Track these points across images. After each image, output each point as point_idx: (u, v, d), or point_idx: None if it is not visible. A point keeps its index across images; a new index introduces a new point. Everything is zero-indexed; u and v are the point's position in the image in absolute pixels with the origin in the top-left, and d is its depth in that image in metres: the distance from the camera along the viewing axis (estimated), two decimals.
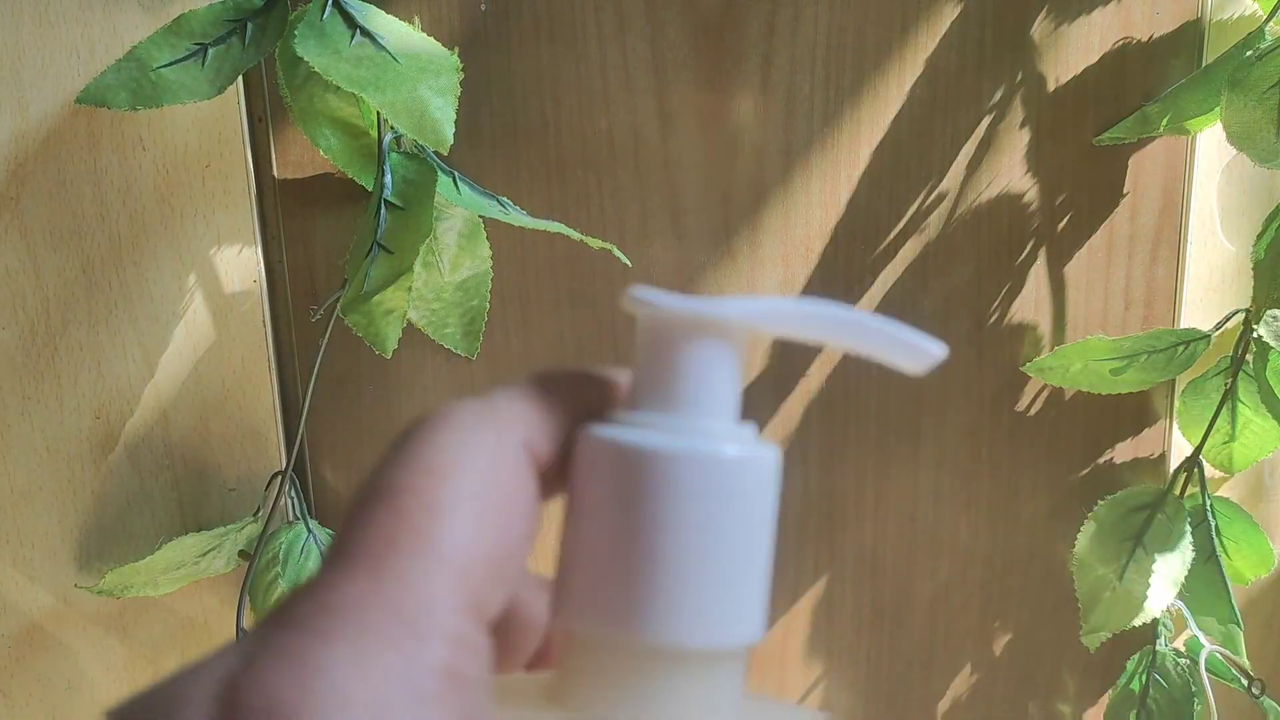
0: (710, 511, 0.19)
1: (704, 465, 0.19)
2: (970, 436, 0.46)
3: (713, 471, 0.19)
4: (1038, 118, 0.43)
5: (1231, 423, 0.45)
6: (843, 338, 0.20)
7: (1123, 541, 0.44)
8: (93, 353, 0.42)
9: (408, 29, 0.37)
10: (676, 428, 0.19)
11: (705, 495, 0.19)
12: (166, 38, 0.37)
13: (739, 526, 0.19)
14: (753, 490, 0.19)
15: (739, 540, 0.19)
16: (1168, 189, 0.44)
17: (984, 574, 0.47)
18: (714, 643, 0.19)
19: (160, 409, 0.43)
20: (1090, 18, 0.42)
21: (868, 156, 0.43)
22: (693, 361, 0.20)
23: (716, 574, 0.19)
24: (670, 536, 0.19)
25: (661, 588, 0.18)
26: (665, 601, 0.18)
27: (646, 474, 0.19)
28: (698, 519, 0.19)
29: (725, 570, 0.19)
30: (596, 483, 0.19)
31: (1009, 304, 0.45)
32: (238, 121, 0.41)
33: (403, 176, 0.38)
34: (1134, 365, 0.43)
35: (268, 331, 0.43)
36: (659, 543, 0.19)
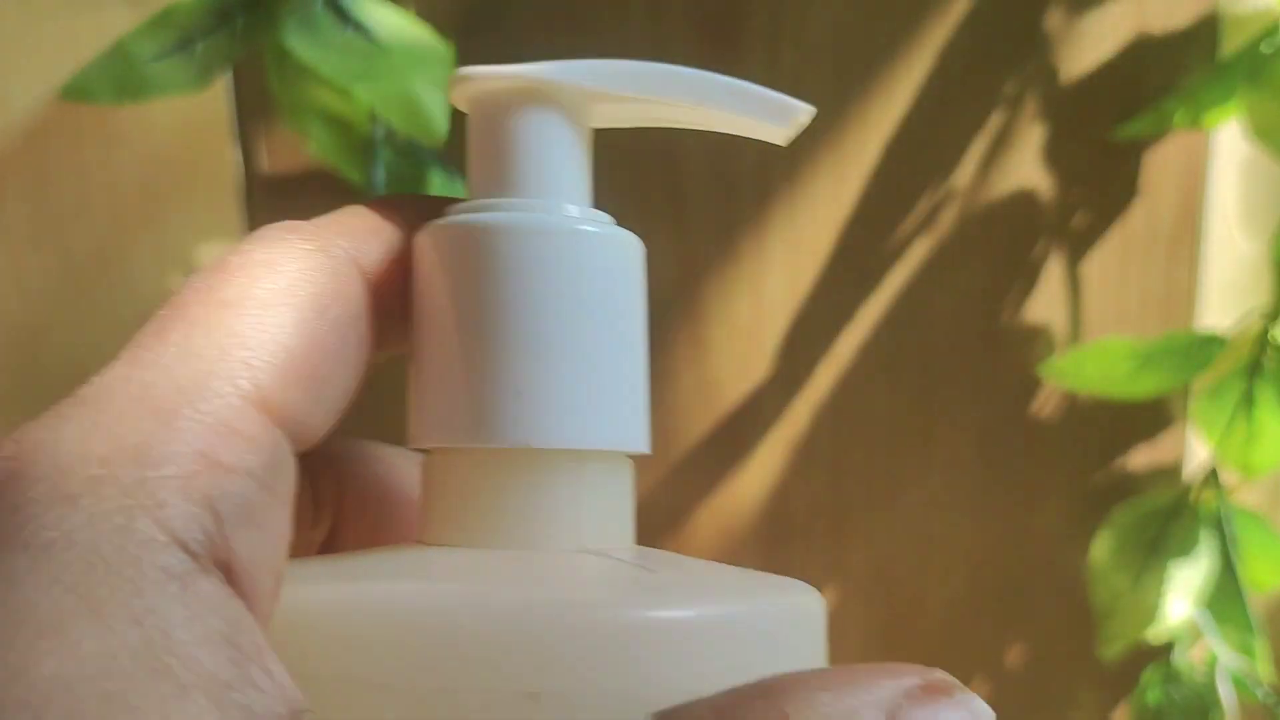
0: (558, 291, 0.17)
1: (550, 239, 0.17)
2: (983, 441, 0.45)
3: (559, 245, 0.17)
4: (1051, 113, 0.43)
5: (1249, 427, 0.44)
6: (694, 100, 0.18)
7: (1139, 550, 0.43)
8: (76, 352, 0.42)
9: (400, 20, 0.36)
10: (519, 208, 0.17)
11: (551, 272, 0.17)
12: (153, 30, 0.37)
13: (596, 314, 0.17)
14: (605, 271, 0.17)
15: (599, 330, 0.17)
16: (1184, 187, 0.43)
17: (997, 583, 0.47)
18: (587, 443, 0.17)
19: None
20: (1104, 11, 0.42)
21: (877, 153, 0.43)
22: (528, 135, 0.18)
23: (577, 367, 0.17)
24: (520, 324, 0.16)
25: (513, 383, 0.16)
26: (526, 399, 0.16)
27: (487, 253, 0.17)
28: (546, 301, 0.17)
29: (587, 363, 0.17)
30: (435, 277, 0.17)
31: (1022, 304, 0.44)
32: (225, 116, 0.41)
33: (395, 171, 0.38)
34: (1150, 367, 0.43)
35: None
36: (507, 332, 0.16)
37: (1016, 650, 0.48)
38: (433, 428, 0.17)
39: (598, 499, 0.17)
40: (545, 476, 0.17)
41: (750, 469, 0.45)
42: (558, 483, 0.17)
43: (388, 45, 0.35)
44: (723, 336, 0.44)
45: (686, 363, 0.44)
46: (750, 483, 0.45)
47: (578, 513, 0.17)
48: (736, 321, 0.44)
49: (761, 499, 0.45)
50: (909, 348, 0.44)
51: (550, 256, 0.17)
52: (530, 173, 0.18)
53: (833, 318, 0.44)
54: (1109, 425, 0.45)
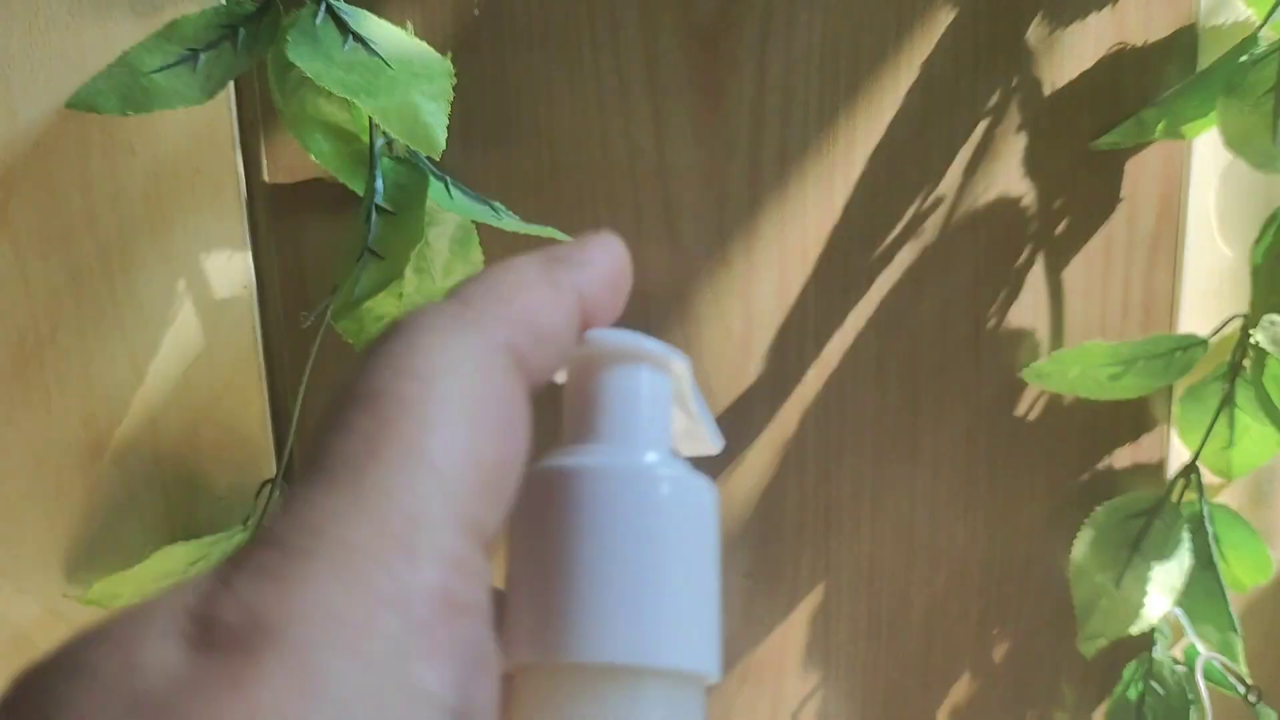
0: (635, 529, 0.18)
1: (626, 481, 0.19)
2: (968, 443, 0.46)
3: (635, 487, 0.19)
4: (1034, 123, 0.43)
5: (1229, 428, 0.45)
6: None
7: (1120, 548, 0.44)
8: (81, 360, 0.42)
9: (400, 33, 0.37)
10: (602, 453, 0.19)
11: (630, 511, 0.18)
12: (158, 43, 0.37)
13: (669, 549, 0.19)
14: (681, 513, 0.19)
15: (671, 562, 0.18)
16: (1164, 194, 0.44)
17: (982, 581, 0.47)
18: (650, 661, 0.18)
19: (149, 417, 0.43)
20: (1085, 23, 0.42)
21: (863, 162, 0.43)
22: (617, 393, 0.20)
23: (648, 593, 0.18)
24: (596, 554, 0.18)
25: (589, 605, 0.18)
26: (595, 618, 0.18)
27: (567, 493, 0.18)
28: (623, 536, 0.18)
29: (658, 591, 0.18)
30: (528, 511, 0.19)
31: (1006, 309, 0.44)
32: (229, 127, 0.41)
33: (394, 182, 0.38)
34: (1132, 371, 0.43)
35: (258, 338, 0.43)
36: (584, 561, 0.18)
37: (1000, 647, 0.48)
38: (519, 644, 0.19)
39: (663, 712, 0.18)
40: (615, 692, 0.18)
41: (741, 469, 0.45)
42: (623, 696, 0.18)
43: (388, 59, 0.36)
44: (714, 341, 0.44)
45: None
46: (742, 483, 0.46)
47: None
48: (727, 326, 0.44)
49: (752, 498, 0.46)
50: (896, 352, 0.45)
51: (621, 497, 0.19)
52: (614, 426, 0.20)
53: (821, 323, 0.44)
54: (1091, 427, 0.46)
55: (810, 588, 0.47)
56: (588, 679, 0.18)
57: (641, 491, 0.19)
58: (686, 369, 0.21)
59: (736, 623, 0.47)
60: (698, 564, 0.19)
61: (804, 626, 0.47)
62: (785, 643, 0.47)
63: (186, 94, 0.37)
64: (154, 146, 0.41)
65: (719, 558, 0.20)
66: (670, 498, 0.19)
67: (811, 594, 0.47)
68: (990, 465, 0.46)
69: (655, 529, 0.19)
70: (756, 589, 0.47)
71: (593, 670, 0.18)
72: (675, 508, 0.19)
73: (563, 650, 0.18)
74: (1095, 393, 0.44)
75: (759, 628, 0.47)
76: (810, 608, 0.47)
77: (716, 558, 0.20)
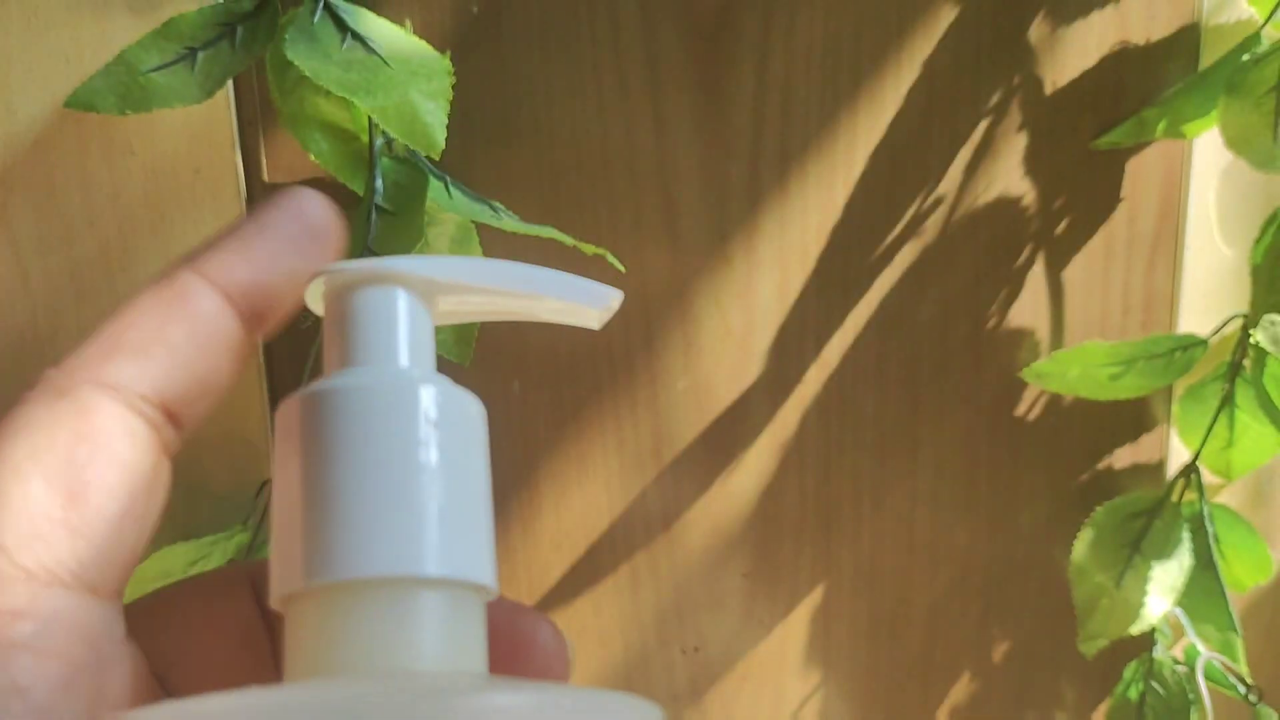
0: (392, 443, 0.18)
1: (379, 396, 0.18)
2: (968, 443, 0.46)
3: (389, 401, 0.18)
4: (1035, 122, 0.43)
5: (1229, 428, 0.45)
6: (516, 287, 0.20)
7: (1120, 548, 0.44)
8: None
9: (399, 32, 0.37)
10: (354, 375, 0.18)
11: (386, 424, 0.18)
12: (156, 41, 0.37)
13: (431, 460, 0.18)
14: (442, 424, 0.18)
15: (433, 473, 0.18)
16: (1165, 193, 0.44)
17: (982, 581, 0.47)
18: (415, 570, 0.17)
19: None
20: (1087, 21, 0.42)
21: (864, 160, 0.43)
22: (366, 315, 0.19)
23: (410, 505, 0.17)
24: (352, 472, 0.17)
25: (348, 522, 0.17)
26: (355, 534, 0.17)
27: (319, 416, 0.18)
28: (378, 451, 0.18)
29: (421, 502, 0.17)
30: (283, 446, 0.18)
31: (1006, 309, 0.44)
32: (228, 126, 0.41)
33: (394, 181, 0.38)
34: (1132, 371, 0.43)
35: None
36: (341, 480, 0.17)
37: (1000, 647, 0.48)
38: (280, 578, 0.18)
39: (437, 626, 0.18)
40: (376, 606, 0.17)
41: (741, 470, 0.45)
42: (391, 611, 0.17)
43: (387, 57, 0.36)
44: (714, 341, 0.44)
45: (679, 367, 0.44)
46: (741, 483, 0.46)
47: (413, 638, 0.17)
48: (728, 326, 0.44)
49: (752, 499, 0.46)
50: (896, 352, 0.45)
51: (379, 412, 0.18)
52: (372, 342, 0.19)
53: (822, 322, 0.44)
54: (1091, 427, 0.46)
55: (810, 588, 0.47)
56: (351, 597, 0.17)
57: (396, 404, 0.18)
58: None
59: (736, 623, 0.47)
60: (464, 475, 0.18)
61: (804, 626, 0.47)
62: (785, 643, 0.47)
63: (185, 93, 0.37)
64: (153, 146, 0.41)
65: (487, 470, 0.19)
66: (428, 409, 0.18)
67: (811, 594, 0.47)
68: (990, 465, 0.46)
69: (413, 440, 0.18)
70: (756, 589, 0.47)
71: (356, 586, 0.17)
72: (434, 419, 0.18)
73: (324, 571, 0.17)
74: (1095, 393, 0.44)
75: (759, 628, 0.47)
76: (810, 608, 0.47)
77: (485, 470, 0.19)
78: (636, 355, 0.44)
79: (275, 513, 0.18)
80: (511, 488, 0.45)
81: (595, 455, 0.45)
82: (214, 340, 0.19)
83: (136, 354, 0.18)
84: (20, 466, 0.17)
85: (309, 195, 0.20)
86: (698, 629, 0.47)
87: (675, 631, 0.47)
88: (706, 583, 0.46)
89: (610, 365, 0.44)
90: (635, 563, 0.46)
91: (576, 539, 0.46)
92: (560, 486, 0.45)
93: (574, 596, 0.46)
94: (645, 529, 0.46)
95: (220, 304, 0.19)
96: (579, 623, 0.47)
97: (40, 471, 0.17)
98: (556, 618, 0.47)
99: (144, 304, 0.19)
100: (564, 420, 0.45)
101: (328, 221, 0.20)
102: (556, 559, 0.46)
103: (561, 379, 0.44)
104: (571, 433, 0.45)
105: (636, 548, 0.46)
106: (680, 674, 0.48)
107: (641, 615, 0.47)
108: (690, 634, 0.47)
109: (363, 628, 0.17)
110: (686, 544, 0.46)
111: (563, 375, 0.44)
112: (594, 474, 0.45)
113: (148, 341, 0.18)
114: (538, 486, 0.45)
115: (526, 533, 0.46)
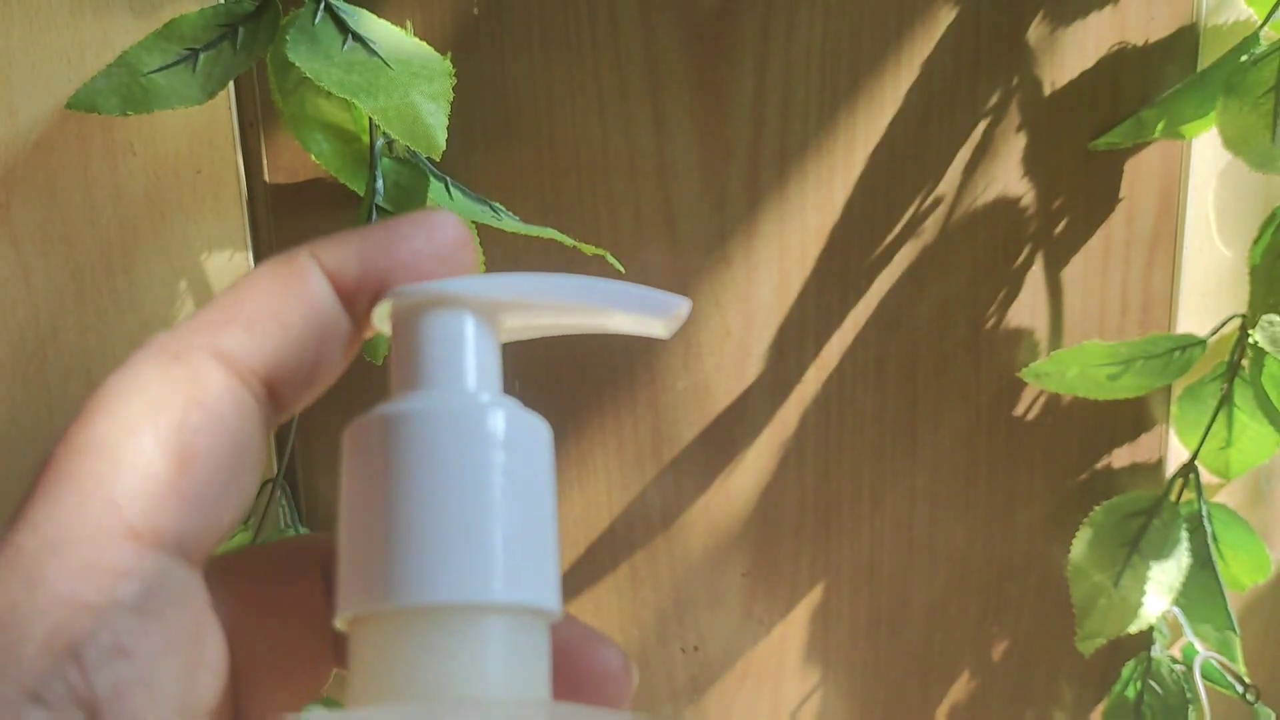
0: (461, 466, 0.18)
1: (448, 419, 0.18)
2: (967, 442, 0.46)
3: (458, 425, 0.18)
4: (1033, 122, 0.43)
5: (1228, 428, 0.45)
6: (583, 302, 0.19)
7: (1119, 547, 0.44)
8: (82, 359, 0.42)
9: (400, 33, 0.37)
10: (423, 398, 0.18)
11: (455, 448, 0.18)
12: (157, 42, 0.37)
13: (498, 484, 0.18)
14: (510, 447, 0.18)
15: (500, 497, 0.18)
16: (1163, 194, 0.44)
17: (981, 580, 0.47)
18: (481, 597, 0.17)
19: None
20: (1086, 22, 0.42)
21: (863, 161, 0.43)
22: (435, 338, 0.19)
23: (477, 530, 0.17)
24: (420, 495, 0.17)
25: (416, 546, 0.17)
26: (422, 559, 0.17)
27: (389, 439, 0.18)
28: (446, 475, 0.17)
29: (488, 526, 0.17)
30: (351, 467, 0.18)
31: (1005, 309, 0.44)
32: (229, 127, 0.41)
33: (394, 182, 0.38)
34: (1130, 370, 0.43)
35: None
36: (409, 503, 0.17)
37: (1000, 646, 0.48)
38: (347, 598, 0.18)
39: (502, 652, 0.18)
40: (444, 632, 0.17)
41: (741, 469, 0.46)
42: (458, 636, 0.17)
43: (388, 59, 0.36)
44: (714, 341, 0.44)
45: (679, 366, 0.44)
46: (741, 482, 0.46)
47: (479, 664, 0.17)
48: (727, 326, 0.44)
49: (752, 498, 0.46)
50: (895, 352, 0.45)
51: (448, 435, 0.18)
52: (433, 371, 0.19)
53: (821, 323, 0.44)
54: (1090, 426, 0.46)
55: (810, 587, 0.47)
56: (419, 622, 0.17)
57: (465, 428, 0.18)
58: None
59: (736, 622, 0.47)
60: (531, 499, 0.18)
61: (804, 626, 0.47)
62: (785, 642, 0.47)
63: (186, 94, 0.37)
64: (155, 146, 0.41)
65: (553, 493, 0.19)
66: (496, 432, 0.18)
67: (811, 594, 0.47)
68: (989, 465, 0.46)
69: (482, 464, 0.18)
70: (756, 588, 0.47)
71: (424, 612, 0.17)
72: (503, 442, 0.18)
73: (391, 596, 0.17)
74: (1094, 392, 0.44)
75: (759, 628, 0.47)
76: (810, 607, 0.47)
77: (552, 494, 0.19)
78: (636, 355, 0.44)
79: (343, 533, 0.18)
80: None
81: (595, 455, 0.45)
82: (326, 328, 0.19)
83: (251, 327, 0.18)
84: (134, 423, 0.16)
85: (445, 214, 0.19)
86: (697, 628, 0.47)
87: (675, 630, 0.47)
88: (706, 582, 0.47)
89: (610, 365, 0.44)
90: (635, 562, 0.46)
91: (577, 538, 0.46)
92: (560, 486, 0.45)
93: (574, 595, 0.47)
94: (645, 528, 0.46)
95: (333, 295, 0.19)
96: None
97: (153, 431, 0.16)
98: None
99: (262, 279, 0.18)
100: (564, 420, 0.45)
101: (456, 241, 0.19)
102: None
103: (562, 379, 0.44)
104: (571, 433, 0.45)
105: (636, 547, 0.46)
106: (680, 673, 0.48)
107: (641, 614, 0.47)
108: (690, 633, 0.47)
109: (430, 653, 0.17)
110: (686, 543, 0.46)
111: (563, 375, 0.44)
112: (594, 474, 0.45)
113: (263, 317, 0.18)
114: None
115: None
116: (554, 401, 0.45)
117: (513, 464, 0.18)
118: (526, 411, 0.19)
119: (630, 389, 0.45)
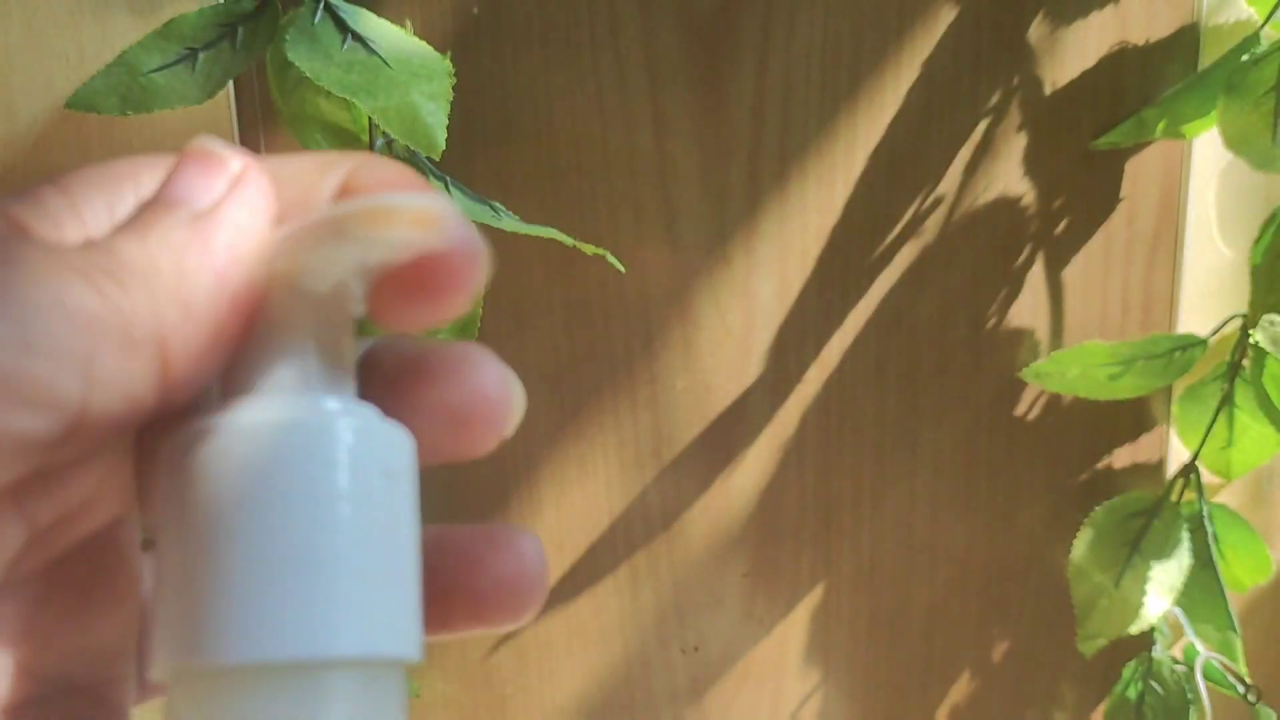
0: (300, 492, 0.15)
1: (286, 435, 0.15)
2: (968, 443, 0.46)
3: (298, 442, 0.15)
4: (1034, 122, 0.43)
5: (1229, 428, 0.45)
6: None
7: (1120, 548, 0.44)
8: None
9: (399, 33, 0.37)
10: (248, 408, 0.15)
11: (293, 470, 0.15)
12: (156, 42, 0.37)
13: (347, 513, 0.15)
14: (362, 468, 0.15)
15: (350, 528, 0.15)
16: (1164, 194, 0.44)
17: (981, 581, 0.47)
18: (324, 652, 0.14)
19: None
20: (1086, 22, 0.42)
21: (864, 160, 0.43)
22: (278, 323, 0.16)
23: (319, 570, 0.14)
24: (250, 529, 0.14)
25: (243, 592, 0.14)
26: (251, 608, 0.14)
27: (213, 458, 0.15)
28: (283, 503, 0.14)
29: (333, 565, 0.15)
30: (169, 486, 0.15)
31: (1006, 309, 0.44)
32: (228, 126, 0.41)
33: None
34: (1131, 370, 0.43)
35: None
36: (236, 538, 0.14)
37: (1000, 646, 0.48)
38: (165, 648, 0.15)
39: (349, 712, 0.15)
40: (277, 694, 0.14)
41: (741, 469, 0.46)
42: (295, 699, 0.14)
43: (387, 58, 0.36)
44: (714, 341, 0.44)
45: (679, 367, 0.44)
46: (741, 482, 0.46)
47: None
48: (727, 326, 0.44)
49: (752, 498, 0.46)
50: (896, 352, 0.45)
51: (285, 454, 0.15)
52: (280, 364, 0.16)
53: (821, 322, 0.44)
54: (1091, 427, 0.46)
55: (810, 587, 0.47)
56: (248, 682, 0.14)
57: (308, 446, 0.15)
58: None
59: (737, 623, 0.47)
60: (386, 526, 0.15)
61: (804, 626, 0.47)
62: (785, 643, 0.47)
63: (185, 93, 0.37)
64: (154, 146, 0.41)
65: (417, 516, 0.16)
66: (346, 451, 0.15)
67: (811, 594, 0.47)
68: (990, 465, 0.46)
69: (326, 490, 0.15)
70: (756, 588, 0.47)
71: (252, 672, 0.14)
72: (353, 462, 0.15)
73: (215, 651, 0.14)
74: (1095, 393, 0.44)
75: (759, 628, 0.47)
76: (810, 607, 0.47)
77: (413, 518, 0.16)
78: (636, 355, 0.44)
79: (160, 567, 0.15)
80: (511, 488, 0.45)
81: (595, 455, 0.45)
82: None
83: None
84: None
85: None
86: (697, 628, 0.47)
87: (675, 631, 0.47)
88: (706, 582, 0.47)
89: (610, 365, 0.44)
90: (635, 562, 0.46)
91: (577, 539, 0.46)
92: (560, 486, 0.45)
93: (574, 596, 0.46)
94: (645, 529, 0.46)
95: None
96: (579, 622, 0.47)
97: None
98: (557, 617, 0.47)
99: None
100: (564, 420, 0.45)
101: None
102: (557, 558, 0.46)
103: (562, 379, 0.44)
104: (571, 433, 0.45)
105: (636, 547, 0.46)
106: (680, 673, 0.48)
107: (641, 615, 0.47)
108: (690, 633, 0.47)
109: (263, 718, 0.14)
110: (686, 543, 0.46)
111: (563, 375, 0.44)
112: (594, 474, 0.45)
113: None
114: (538, 486, 0.45)
115: None
116: (554, 401, 0.45)
117: (362, 486, 0.15)
118: (385, 421, 0.16)
119: (630, 389, 0.45)
